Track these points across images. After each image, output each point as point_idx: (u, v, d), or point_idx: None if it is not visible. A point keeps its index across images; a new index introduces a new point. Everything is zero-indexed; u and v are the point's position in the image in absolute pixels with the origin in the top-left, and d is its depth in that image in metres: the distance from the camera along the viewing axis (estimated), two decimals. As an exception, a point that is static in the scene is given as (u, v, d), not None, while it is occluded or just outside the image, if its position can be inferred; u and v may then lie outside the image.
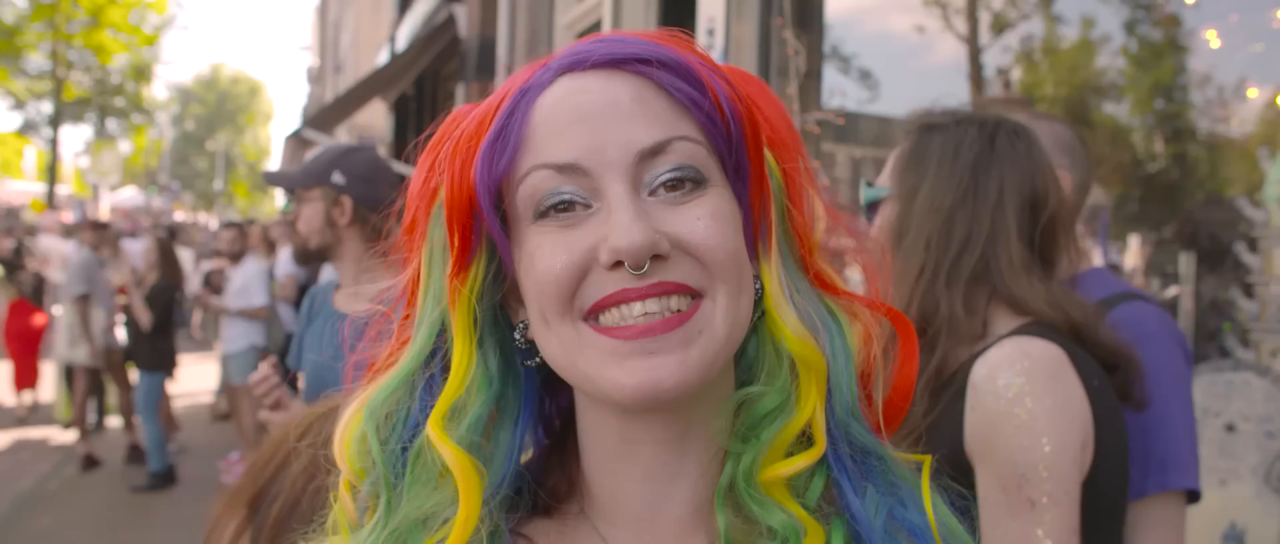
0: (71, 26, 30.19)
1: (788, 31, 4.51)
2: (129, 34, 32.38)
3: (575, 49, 0.83)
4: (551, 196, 0.80)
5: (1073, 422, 1.55)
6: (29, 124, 32.95)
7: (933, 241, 1.74)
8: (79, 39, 30.64)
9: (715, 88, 0.81)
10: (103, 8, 30.54)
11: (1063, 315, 1.66)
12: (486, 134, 0.81)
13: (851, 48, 5.76)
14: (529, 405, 0.90)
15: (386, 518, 0.82)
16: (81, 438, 9.50)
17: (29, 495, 8.62)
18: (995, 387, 1.56)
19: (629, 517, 0.88)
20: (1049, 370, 1.56)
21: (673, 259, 0.79)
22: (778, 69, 4.57)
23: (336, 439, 0.86)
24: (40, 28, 29.49)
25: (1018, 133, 1.80)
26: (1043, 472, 1.50)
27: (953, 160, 1.77)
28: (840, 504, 0.85)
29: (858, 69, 5.90)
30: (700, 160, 0.81)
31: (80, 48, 31.00)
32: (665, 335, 0.78)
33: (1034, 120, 2.22)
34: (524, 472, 0.92)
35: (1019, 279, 1.70)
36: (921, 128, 1.85)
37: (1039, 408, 1.53)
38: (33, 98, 31.62)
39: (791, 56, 4.51)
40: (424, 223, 0.86)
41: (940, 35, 5.69)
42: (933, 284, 1.72)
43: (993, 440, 1.55)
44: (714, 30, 4.63)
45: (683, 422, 0.85)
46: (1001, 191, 1.74)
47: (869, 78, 5.95)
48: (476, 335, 0.85)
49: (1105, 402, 1.63)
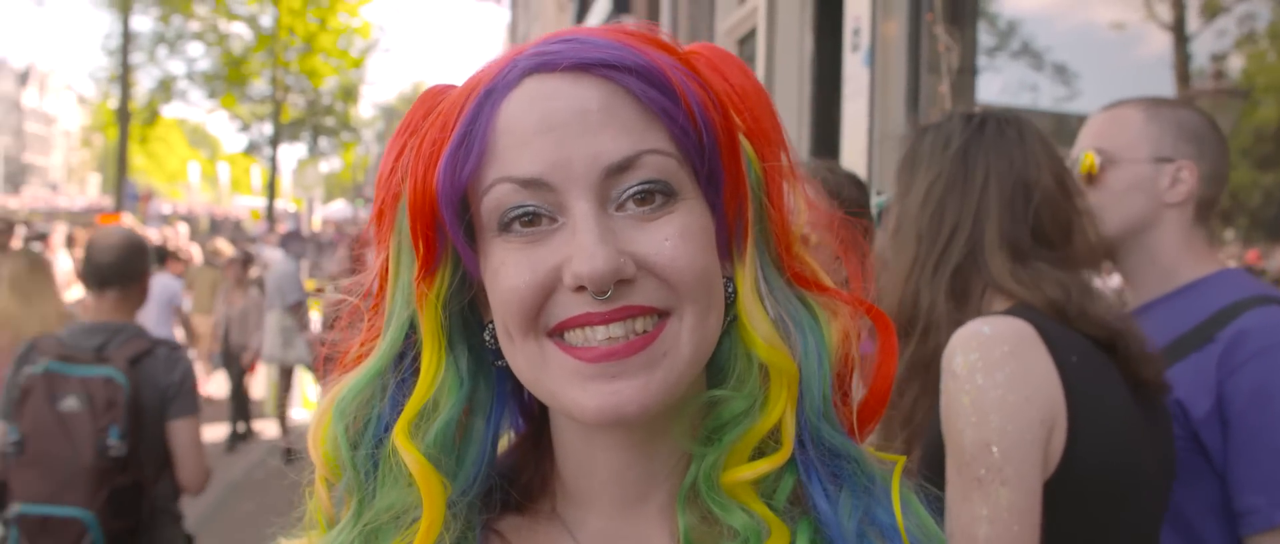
0: (289, 54, 32.80)
1: (939, 27, 4.35)
2: (338, 58, 34.84)
3: (542, 48, 0.79)
4: (515, 210, 0.77)
5: (1029, 399, 1.47)
6: (253, 145, 36.02)
7: (923, 234, 1.71)
8: (295, 65, 33.24)
9: (687, 95, 0.78)
10: (315, 35, 33.05)
11: (1038, 294, 1.60)
12: (450, 139, 0.78)
13: (1044, 42, 5.48)
14: (501, 400, 0.90)
15: (357, 516, 0.83)
16: (283, 432, 10.33)
17: (238, 484, 9.42)
18: (952, 366, 1.51)
19: (598, 516, 0.88)
20: (1005, 346, 1.50)
21: (639, 281, 0.77)
22: (928, 66, 4.41)
23: (310, 436, 0.87)
24: (262, 57, 32.23)
25: (1008, 121, 1.75)
26: (991, 449, 1.44)
27: (942, 152, 1.74)
28: (809, 506, 0.83)
29: (1052, 64, 5.61)
30: (670, 173, 0.78)
31: (296, 73, 33.60)
32: (628, 360, 0.76)
33: (1159, 108, 2.06)
34: (498, 468, 0.92)
35: (994, 260, 1.66)
36: (917, 130, 1.82)
37: (989, 383, 1.47)
38: (256, 120, 34.55)
39: (943, 53, 4.35)
40: (392, 214, 0.85)
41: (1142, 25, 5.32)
42: (920, 276, 1.69)
43: (948, 420, 1.50)
44: (859, 29, 4.52)
45: (650, 428, 0.85)
46: (987, 177, 1.70)
47: (1064, 72, 5.65)
48: (445, 338, 0.84)
49: (1089, 380, 1.54)
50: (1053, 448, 1.50)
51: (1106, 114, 2.15)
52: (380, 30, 40.49)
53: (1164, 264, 2.04)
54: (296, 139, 37.21)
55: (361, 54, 36.28)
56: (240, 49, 31.89)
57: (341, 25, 34.11)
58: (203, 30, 31.36)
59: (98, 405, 3.21)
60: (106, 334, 3.42)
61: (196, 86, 32.20)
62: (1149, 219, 2.04)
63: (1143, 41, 5.36)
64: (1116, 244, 2.07)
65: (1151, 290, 2.06)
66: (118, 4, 27.28)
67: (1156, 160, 2.03)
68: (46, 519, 3.16)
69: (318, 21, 33.00)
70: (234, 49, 31.76)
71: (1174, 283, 2.03)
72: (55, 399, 3.21)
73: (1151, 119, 2.05)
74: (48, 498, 3.16)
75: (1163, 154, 2.03)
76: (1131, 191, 2.04)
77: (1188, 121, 2.05)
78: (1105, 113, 2.15)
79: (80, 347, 3.35)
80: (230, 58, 31.61)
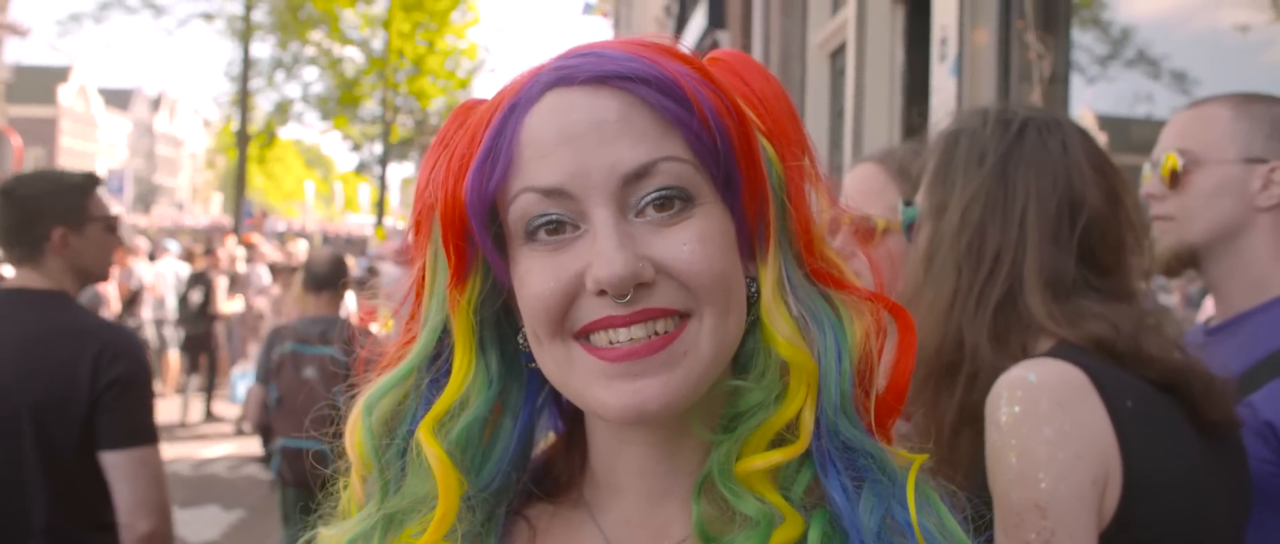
0: (398, 76, 33.85)
1: (1030, 34, 4.23)
2: (446, 79, 35.77)
3: (562, 63, 0.84)
4: (539, 218, 0.82)
5: (1080, 456, 1.36)
6: (363, 164, 37.27)
7: (962, 264, 1.57)
8: (404, 86, 34.30)
9: (702, 104, 0.81)
10: (424, 57, 34.02)
11: (1083, 333, 1.46)
12: (477, 152, 0.83)
13: (1162, 48, 5.28)
14: (532, 400, 0.95)
15: (381, 502, 0.89)
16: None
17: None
18: (996, 417, 1.40)
19: (623, 505, 0.92)
20: (1054, 397, 1.38)
21: (658, 285, 0.80)
22: (1020, 75, 4.29)
23: (347, 432, 0.93)
24: (373, 79, 33.36)
25: (1050, 127, 1.60)
26: (1041, 513, 1.33)
27: (978, 167, 1.59)
28: (826, 499, 0.85)
29: (1170, 72, 5.40)
30: (687, 179, 0.82)
31: (405, 94, 34.65)
32: (649, 359, 0.80)
33: (1249, 104, 1.94)
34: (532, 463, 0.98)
35: (1033, 298, 1.51)
36: (948, 134, 1.67)
37: (1037, 439, 1.36)
38: (366, 140, 35.76)
39: (1034, 61, 4.22)
40: (427, 224, 0.90)
41: (1268, 28, 5.07)
42: (962, 314, 1.55)
43: (994, 475, 1.39)
44: (947, 38, 4.43)
45: (676, 425, 0.87)
46: (1027, 199, 1.55)
47: (1184, 80, 5.43)
48: (477, 341, 0.89)
49: (1146, 428, 1.41)
50: (1106, 506, 1.39)
51: (1191, 111, 2.02)
52: (486, 51, 41.29)
53: (1255, 273, 1.92)
54: (405, 158, 38.35)
55: (468, 74, 37.10)
56: (352, 72, 33.06)
57: (449, 47, 35.02)
58: (317, 55, 32.65)
59: (326, 374, 4.83)
60: (325, 324, 5.05)
61: (311, 108, 33.48)
62: (1238, 224, 1.91)
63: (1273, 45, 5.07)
64: (1202, 251, 1.95)
65: (1241, 302, 1.94)
66: (239, 32, 28.66)
67: (1246, 161, 1.90)
68: (299, 450, 4.81)
69: (426, 44, 33.97)
70: (346, 72, 32.95)
71: (1266, 294, 1.91)
72: (299, 369, 4.92)
73: (1241, 116, 1.93)
74: (299, 434, 4.78)
75: (1254, 154, 1.90)
76: (1219, 195, 1.91)
77: None
78: (1190, 110, 2.03)
79: (309, 333, 5.00)
80: (343, 80, 32.79)
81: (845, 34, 6.42)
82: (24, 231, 2.76)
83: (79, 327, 2.77)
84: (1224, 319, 1.98)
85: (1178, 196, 1.95)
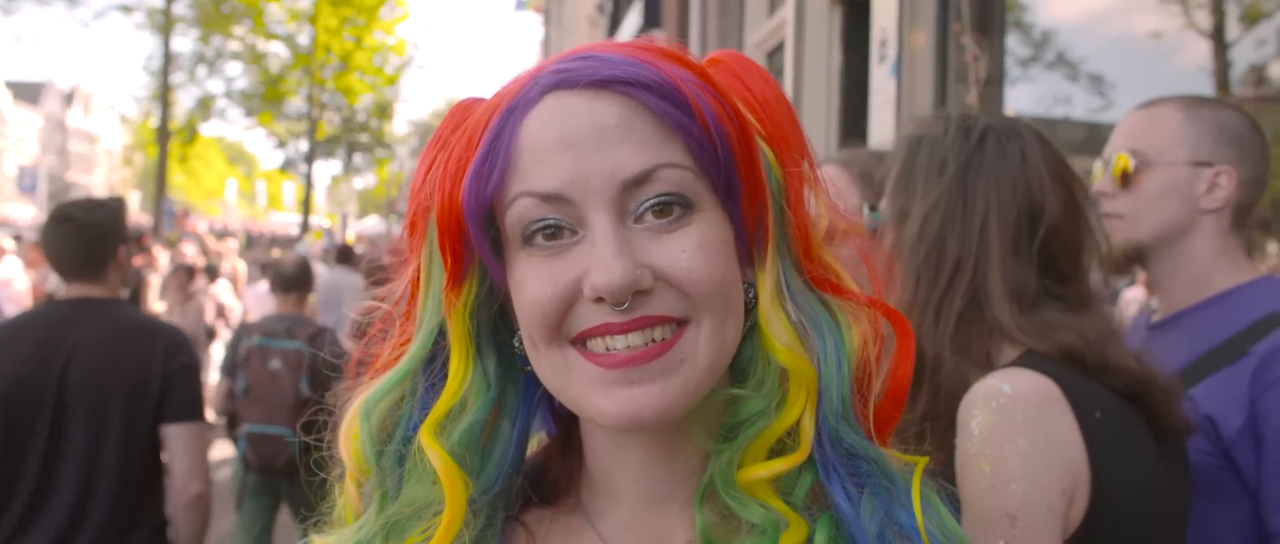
0: (325, 72, 33.20)
1: (966, 37, 4.32)
2: (373, 75, 35.18)
3: (562, 66, 0.82)
4: (537, 223, 0.81)
5: (1052, 466, 1.39)
6: (289, 162, 36.47)
7: (921, 273, 1.59)
8: (331, 83, 33.65)
9: (703, 110, 0.80)
10: (351, 53, 33.41)
11: (1053, 343, 1.49)
12: (474, 155, 0.81)
13: (1080, 52, 5.41)
14: (528, 403, 0.93)
15: (380, 510, 0.87)
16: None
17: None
18: (969, 427, 1.42)
19: (622, 511, 0.91)
20: (1028, 408, 1.40)
21: (657, 292, 0.79)
22: (956, 76, 4.38)
23: (341, 435, 0.91)
24: (299, 75, 32.65)
25: (1010, 135, 1.61)
26: (1008, 520, 1.36)
27: (938, 176, 1.60)
28: (829, 504, 0.85)
29: (1087, 74, 5.54)
30: (687, 186, 0.81)
31: (332, 90, 34.00)
32: (646, 366, 0.79)
33: (1198, 108, 1.99)
34: (527, 467, 0.96)
35: (1001, 310, 1.53)
36: (910, 139, 1.68)
37: (1011, 449, 1.38)
38: (292, 137, 34.98)
39: (970, 63, 4.31)
40: (423, 225, 0.88)
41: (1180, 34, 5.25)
42: (922, 323, 1.56)
43: (964, 482, 1.41)
44: (887, 40, 4.50)
45: (674, 431, 0.87)
46: (988, 209, 1.56)
47: (1100, 83, 5.58)
48: (473, 344, 0.88)
49: (1113, 439, 1.44)
50: (1072, 516, 1.42)
51: (1143, 112, 2.06)
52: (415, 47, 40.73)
53: (1197, 272, 1.98)
54: (331, 156, 37.64)
55: (396, 71, 36.61)
56: (277, 68, 32.30)
57: (377, 43, 34.46)
58: (241, 50, 31.83)
59: (292, 365, 5.20)
60: (290, 322, 5.43)
61: (235, 105, 32.62)
62: (1183, 225, 1.97)
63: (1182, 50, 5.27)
64: (1148, 250, 2.01)
65: (1183, 299, 2.00)
66: (159, 25, 27.77)
67: (1194, 164, 1.95)
68: (264, 435, 5.17)
69: (353, 40, 33.35)
70: (271, 68, 32.18)
71: (1207, 292, 1.97)
72: (266, 361, 5.23)
73: (1190, 119, 1.97)
74: (264, 421, 5.16)
75: (1201, 157, 1.95)
76: (1166, 196, 1.96)
77: (1229, 123, 1.97)
78: (1141, 111, 2.07)
79: (276, 329, 5.36)
80: (267, 76, 32.01)
81: (783, 34, 6.48)
82: (94, 253, 3.25)
83: (148, 325, 3.38)
84: (1166, 315, 2.04)
85: (1128, 196, 2.00)
